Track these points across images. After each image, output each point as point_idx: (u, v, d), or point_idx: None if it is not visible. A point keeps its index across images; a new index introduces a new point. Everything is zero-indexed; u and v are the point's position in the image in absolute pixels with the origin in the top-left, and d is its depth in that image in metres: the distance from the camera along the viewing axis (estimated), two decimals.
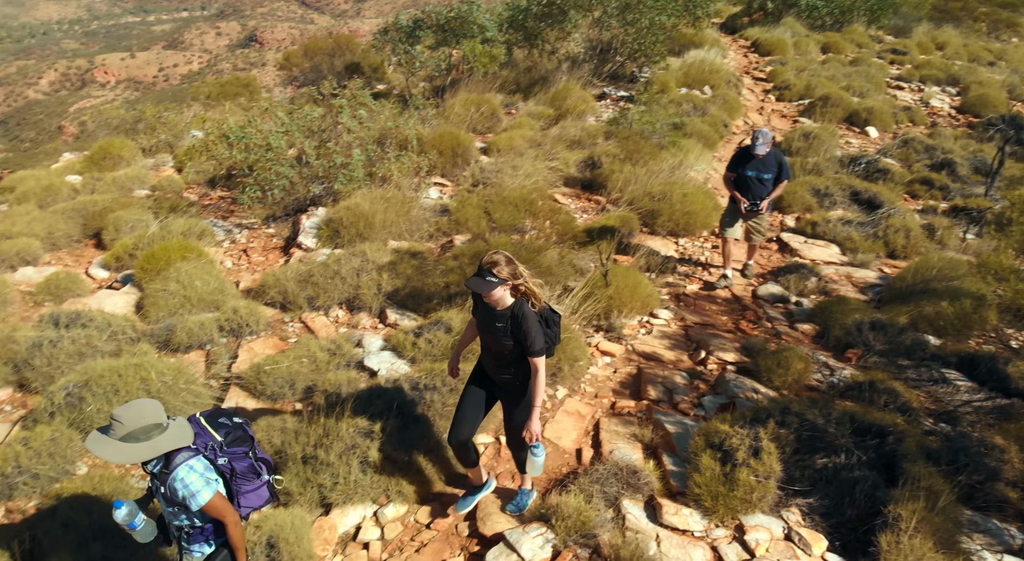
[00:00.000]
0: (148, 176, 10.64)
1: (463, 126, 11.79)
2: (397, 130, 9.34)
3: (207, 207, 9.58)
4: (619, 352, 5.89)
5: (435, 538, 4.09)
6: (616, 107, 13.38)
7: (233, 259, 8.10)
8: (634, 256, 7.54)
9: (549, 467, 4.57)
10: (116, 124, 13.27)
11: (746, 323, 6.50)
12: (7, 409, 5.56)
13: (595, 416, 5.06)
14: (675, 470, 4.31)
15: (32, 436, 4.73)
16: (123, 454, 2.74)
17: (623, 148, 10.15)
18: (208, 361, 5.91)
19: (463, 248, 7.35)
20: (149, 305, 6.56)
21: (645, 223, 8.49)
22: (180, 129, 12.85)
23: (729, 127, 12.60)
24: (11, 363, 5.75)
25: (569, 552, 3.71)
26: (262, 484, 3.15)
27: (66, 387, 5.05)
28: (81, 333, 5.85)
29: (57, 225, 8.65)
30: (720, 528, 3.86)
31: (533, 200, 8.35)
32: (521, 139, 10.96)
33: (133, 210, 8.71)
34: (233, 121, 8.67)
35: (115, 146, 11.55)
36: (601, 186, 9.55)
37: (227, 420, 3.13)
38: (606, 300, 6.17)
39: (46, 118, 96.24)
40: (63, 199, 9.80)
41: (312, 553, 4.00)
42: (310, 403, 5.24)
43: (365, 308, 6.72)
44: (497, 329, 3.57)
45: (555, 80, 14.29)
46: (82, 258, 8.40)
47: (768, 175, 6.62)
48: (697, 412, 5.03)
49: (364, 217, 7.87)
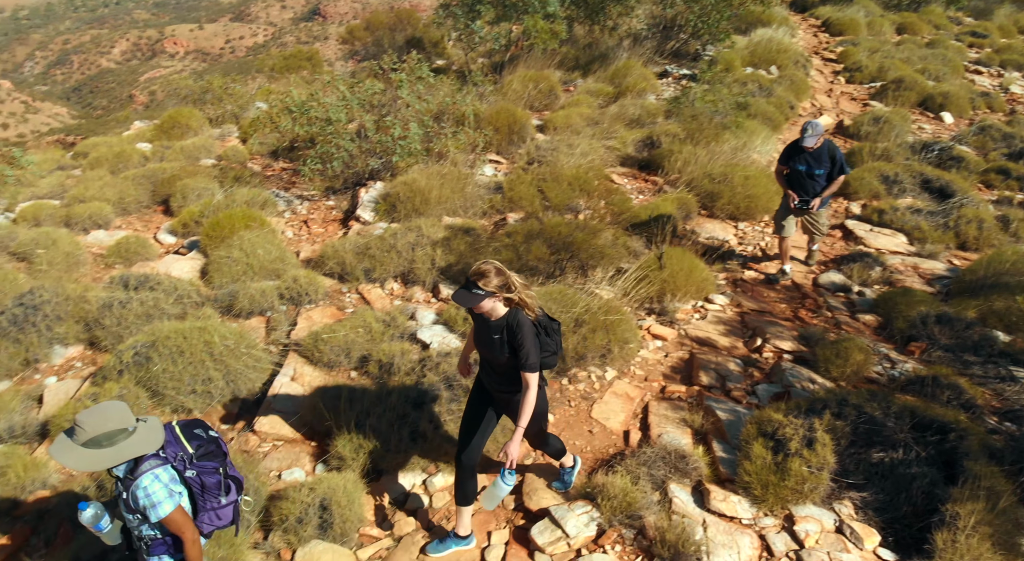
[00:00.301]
0: (214, 146, 10.96)
1: (520, 103, 11.73)
2: (455, 106, 9.37)
3: (270, 178, 9.82)
4: (671, 336, 5.83)
5: (481, 509, 4.16)
6: (678, 86, 13.08)
7: (294, 229, 8.30)
8: (691, 239, 7.41)
9: (596, 447, 4.59)
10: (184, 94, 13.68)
11: (805, 312, 6.34)
12: (78, 366, 5.87)
13: (644, 399, 5.04)
14: (725, 457, 4.27)
15: (101, 392, 4.97)
16: (85, 461, 2.63)
17: (684, 128, 9.95)
18: (268, 327, 6.11)
19: (516, 226, 7.35)
20: (213, 271, 6.80)
21: (704, 206, 8.33)
22: (245, 100, 13.16)
23: (796, 109, 12.19)
24: (83, 322, 6.05)
25: (614, 531, 3.73)
26: (229, 503, 3.01)
27: (134, 346, 5.28)
28: (149, 295, 6.10)
29: (128, 191, 9.01)
30: (769, 517, 3.82)
31: (588, 179, 8.27)
32: (578, 117, 10.84)
33: (199, 179, 9.01)
34: (296, 94, 8.83)
35: (183, 116, 11.92)
36: (659, 167, 9.40)
37: (203, 432, 3.01)
38: (660, 283, 6.11)
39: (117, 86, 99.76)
40: (133, 166, 10.19)
41: (363, 517, 4.13)
42: (364, 372, 5.37)
43: (419, 282, 6.81)
44: (493, 341, 3.36)
45: (615, 57, 14.05)
46: (151, 223, 8.74)
47: (820, 170, 6.23)
48: (750, 400, 4.96)
49: (420, 192, 7.95)
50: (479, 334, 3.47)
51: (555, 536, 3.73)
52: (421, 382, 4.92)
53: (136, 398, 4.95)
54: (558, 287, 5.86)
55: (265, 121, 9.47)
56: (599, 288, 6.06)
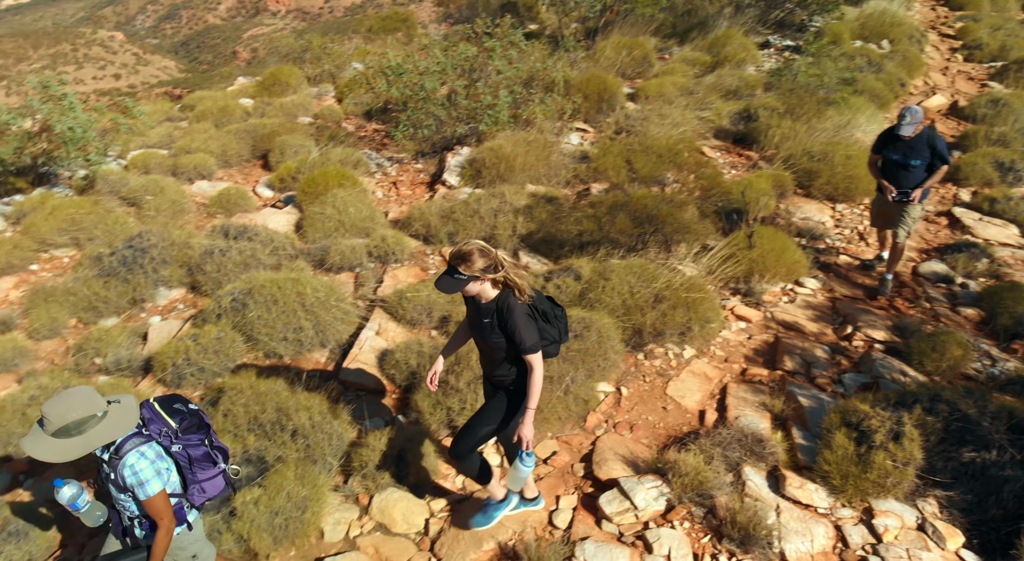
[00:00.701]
0: (311, 104, 11.31)
1: (612, 70, 11.48)
2: (545, 72, 9.28)
3: (363, 138, 10.07)
4: (756, 318, 5.69)
5: (551, 474, 4.23)
6: (780, 57, 12.48)
7: (383, 190, 8.52)
8: (784, 219, 7.14)
9: (669, 424, 4.57)
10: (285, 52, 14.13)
11: (902, 301, 6.03)
12: (180, 307, 6.27)
13: (723, 380, 4.96)
14: (804, 444, 4.17)
15: (200, 334, 5.30)
16: (56, 452, 2.56)
17: (784, 101, 9.51)
18: (356, 283, 6.34)
19: (600, 197, 7.28)
20: (307, 226, 7.09)
21: (800, 184, 7.98)
22: (342, 60, 13.46)
23: (906, 86, 11.41)
24: (186, 266, 6.45)
25: (683, 508, 3.73)
26: (218, 473, 3.00)
27: (232, 293, 5.60)
28: (247, 245, 6.43)
29: (230, 144, 9.46)
30: (847, 508, 3.72)
31: (679, 151, 8.07)
32: (672, 86, 10.54)
33: (297, 136, 9.34)
34: (392, 57, 8.97)
35: (284, 73, 12.33)
36: (755, 141, 9.05)
37: (182, 406, 2.97)
38: (748, 263, 5.94)
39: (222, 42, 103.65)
40: (236, 120, 10.66)
41: (437, 470, 4.29)
42: (444, 331, 5.51)
43: (500, 248, 6.88)
44: (484, 325, 3.17)
45: (715, 25, 13.50)
46: (250, 177, 9.16)
47: (917, 161, 5.64)
48: (835, 388, 4.80)
49: (505, 159, 7.97)
50: (471, 319, 3.29)
51: (623, 507, 3.76)
52: None
53: (232, 342, 5.27)
54: (639, 261, 5.79)
55: (361, 82, 9.69)
56: (683, 264, 5.95)
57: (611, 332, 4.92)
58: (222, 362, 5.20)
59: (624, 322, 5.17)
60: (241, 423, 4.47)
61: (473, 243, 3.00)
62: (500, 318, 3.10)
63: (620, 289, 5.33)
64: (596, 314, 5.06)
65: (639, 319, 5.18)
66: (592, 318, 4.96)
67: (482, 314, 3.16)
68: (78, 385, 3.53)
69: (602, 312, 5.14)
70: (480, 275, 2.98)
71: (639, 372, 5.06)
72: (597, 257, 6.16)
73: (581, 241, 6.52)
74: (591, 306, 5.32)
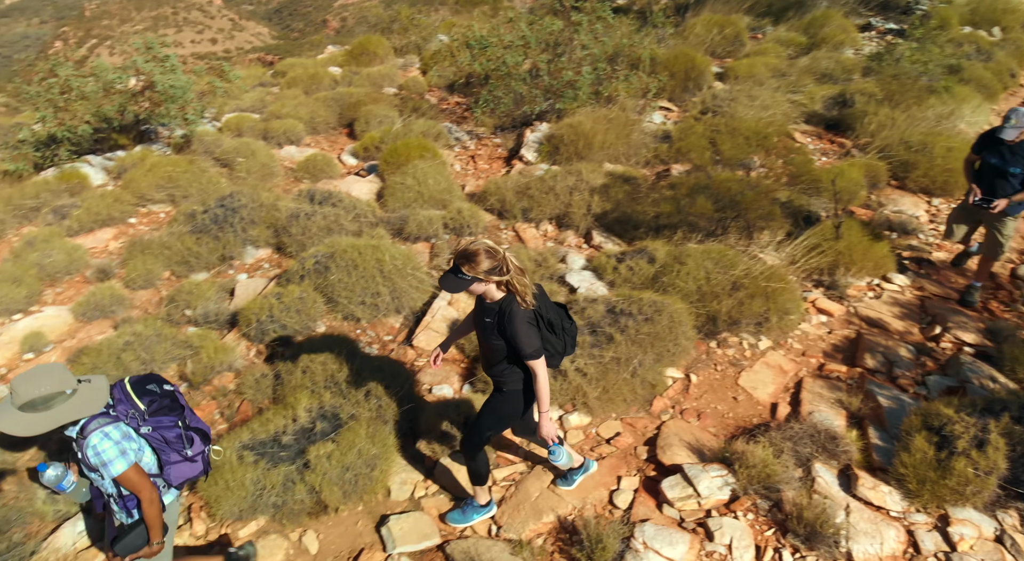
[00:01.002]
0: (397, 75, 11.49)
1: (701, 48, 11.16)
2: (631, 48, 9.10)
3: (444, 111, 10.17)
4: (838, 312, 5.49)
5: (613, 454, 4.25)
6: (882, 41, 11.82)
7: (461, 163, 8.61)
8: (875, 210, 6.82)
9: (739, 415, 4.49)
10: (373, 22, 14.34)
11: (997, 304, 5.69)
12: (265, 266, 6.55)
13: (798, 374, 4.83)
14: (880, 444, 4.03)
15: (284, 293, 5.54)
16: (20, 425, 2.57)
17: (883, 88, 9.03)
18: (432, 253, 6.47)
19: (680, 179, 7.13)
20: (388, 195, 7.26)
21: (895, 175, 7.59)
22: (429, 32, 13.58)
23: (1017, 78, 10.62)
24: (272, 228, 6.71)
25: (748, 499, 3.69)
26: (196, 455, 2.97)
27: (315, 256, 5.80)
28: (331, 211, 6.64)
29: (318, 112, 9.73)
30: (921, 514, 3.59)
31: (768, 135, 7.80)
32: (763, 67, 10.16)
33: (382, 106, 9.53)
34: (477, 29, 8.98)
35: (372, 43, 12.55)
36: (849, 128, 8.65)
37: (156, 387, 2.94)
38: (834, 255, 5.72)
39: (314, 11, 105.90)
40: (324, 88, 10.95)
41: (501, 439, 4.36)
42: None
43: (573, 226, 6.86)
44: (485, 324, 3.12)
45: (813, 5, 12.89)
46: (336, 144, 9.41)
47: (1016, 169, 5.06)
48: (918, 390, 4.60)
49: (584, 136, 7.90)
50: (475, 314, 3.24)
51: (686, 493, 3.75)
52: None
53: (313, 303, 5.48)
54: (718, 246, 5.67)
55: (446, 54, 9.75)
56: (764, 252, 5.78)
57: (683, 318, 4.86)
58: (303, 321, 5.41)
59: (698, 308, 5.10)
60: (319, 380, 4.67)
61: (481, 243, 2.91)
62: (501, 321, 3.04)
63: (696, 274, 5.24)
64: (669, 298, 5.00)
65: (714, 306, 5.08)
66: (664, 302, 4.91)
67: (485, 313, 3.12)
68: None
69: (675, 297, 5.08)
70: (484, 277, 2.91)
71: (710, 360, 4.98)
72: (673, 240, 6.06)
73: (657, 223, 6.42)
74: (664, 290, 5.26)
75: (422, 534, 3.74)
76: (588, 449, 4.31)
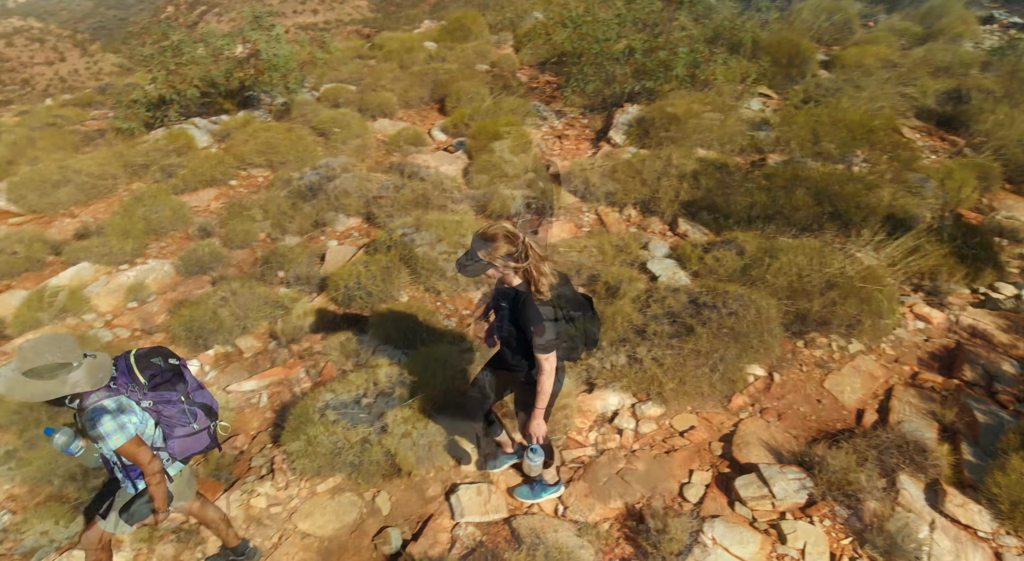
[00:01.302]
0: (490, 52, 11.51)
1: (807, 34, 10.65)
2: (732, 31, 8.77)
3: (534, 89, 10.13)
4: (938, 320, 5.18)
5: (686, 447, 4.18)
6: (1005, 35, 10.94)
7: (548, 143, 8.56)
8: (986, 215, 6.37)
9: (822, 418, 4.33)
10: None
11: None
12: (355, 235, 6.74)
13: (889, 381, 4.60)
14: (972, 461, 3.81)
15: (371, 261, 5.70)
16: (21, 390, 2.59)
17: (1003, 84, 8.38)
18: None
19: (777, 169, 6.85)
20: (474, 172, 7.33)
21: (1010, 179, 7.06)
22: (524, 8, 13.51)
23: None
24: (363, 198, 6.90)
25: (826, 505, 3.57)
26: (202, 429, 2.96)
27: (402, 228, 5.94)
28: (419, 185, 6.77)
29: (411, 86, 9.89)
30: (1011, 537, 3.39)
31: (874, 128, 7.37)
32: (873, 56, 9.60)
33: (473, 82, 9.58)
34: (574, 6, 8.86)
35: (467, 19, 12.59)
36: (963, 125, 8.09)
37: (160, 361, 2.90)
38: (938, 258, 5.39)
39: None
40: (419, 63, 11.10)
41: (572, 423, 4.38)
42: (592, 290, 5.52)
43: (658, 213, 6.73)
44: (501, 308, 2.98)
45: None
46: (427, 119, 9.55)
47: None
48: (1019, 408, 4.30)
49: (676, 120, 7.70)
50: (495, 298, 3.10)
51: (760, 493, 3.66)
52: (645, 311, 4.94)
53: (398, 272, 5.62)
54: (813, 242, 5.43)
55: (540, 32, 9.68)
56: (861, 251, 5.51)
57: (771, 314, 4.70)
58: (387, 290, 5.56)
59: (787, 305, 4.92)
60: (400, 346, 4.81)
61: (500, 226, 2.78)
62: (515, 308, 2.90)
63: (787, 270, 5.05)
64: (757, 293, 4.84)
65: (804, 305, 4.90)
66: (751, 296, 4.76)
67: (502, 297, 2.98)
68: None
69: (763, 292, 4.91)
70: (500, 263, 2.77)
71: (796, 360, 4.81)
72: (765, 233, 5.85)
73: (749, 214, 6.21)
74: (752, 284, 5.09)
75: (490, 506, 3.81)
76: (660, 440, 4.27)
